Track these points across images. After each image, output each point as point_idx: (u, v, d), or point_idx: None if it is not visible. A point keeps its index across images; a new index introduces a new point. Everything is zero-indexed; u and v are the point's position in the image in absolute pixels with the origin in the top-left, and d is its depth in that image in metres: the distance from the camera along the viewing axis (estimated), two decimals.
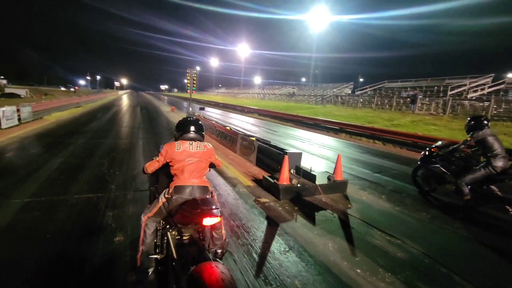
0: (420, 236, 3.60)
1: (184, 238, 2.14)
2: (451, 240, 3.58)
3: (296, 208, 4.27)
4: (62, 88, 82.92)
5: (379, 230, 3.67)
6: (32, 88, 62.59)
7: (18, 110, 10.79)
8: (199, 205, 1.99)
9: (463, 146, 4.58)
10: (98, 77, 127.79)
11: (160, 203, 2.20)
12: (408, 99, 21.11)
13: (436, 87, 24.42)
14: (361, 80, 60.29)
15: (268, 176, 5.11)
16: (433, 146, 5.20)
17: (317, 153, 8.81)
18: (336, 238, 3.39)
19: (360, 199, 4.82)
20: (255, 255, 2.94)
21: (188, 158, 2.20)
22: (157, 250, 2.31)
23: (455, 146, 4.76)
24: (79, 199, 4.12)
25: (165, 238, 2.23)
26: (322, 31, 43.29)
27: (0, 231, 3.09)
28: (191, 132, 2.30)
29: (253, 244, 3.15)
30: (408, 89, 26.62)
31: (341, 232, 3.59)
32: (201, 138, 2.37)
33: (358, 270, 2.75)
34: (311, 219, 3.92)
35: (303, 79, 66.13)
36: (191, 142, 2.26)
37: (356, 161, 7.90)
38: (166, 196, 2.19)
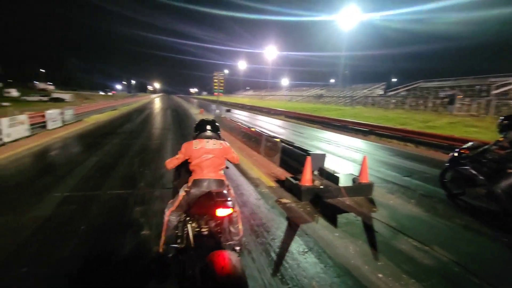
0: (451, 243, 3.38)
1: (203, 230, 2.28)
2: (486, 250, 3.31)
3: (317, 209, 4.20)
4: (101, 93, 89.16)
5: (406, 235, 3.50)
6: (75, 92, 68.01)
7: (62, 113, 11.78)
8: (213, 197, 2.17)
9: (495, 147, 4.22)
10: (133, 82, 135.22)
11: (181, 197, 2.39)
12: (446, 99, 19.82)
13: (478, 86, 22.65)
14: (394, 80, 57.61)
15: (290, 177, 5.09)
16: (463, 147, 4.87)
17: (344, 155, 8.59)
18: (358, 241, 3.29)
19: (386, 203, 4.63)
20: (273, 254, 2.95)
21: (205, 154, 2.38)
22: (178, 241, 2.49)
23: (486, 146, 4.40)
24: (111, 195, 4.41)
25: (186, 229, 2.40)
26: (352, 30, 42.03)
27: (42, 221, 3.42)
28: (207, 131, 2.54)
29: (272, 244, 3.17)
30: (446, 89, 24.96)
31: (363, 236, 3.47)
32: (217, 137, 2.55)
33: (380, 275, 2.65)
34: (333, 221, 3.84)
35: (332, 80, 64.63)
36: (207, 140, 2.46)
37: (385, 164, 7.58)
38: (186, 189, 2.38)
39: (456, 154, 4.87)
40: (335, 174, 4.94)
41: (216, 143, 2.46)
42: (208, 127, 2.56)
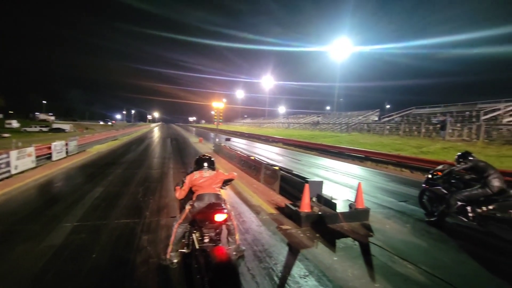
0: (445, 265, 3.56)
1: (205, 238, 2.91)
2: (479, 271, 3.48)
3: (317, 235, 4.39)
4: (101, 123, 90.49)
5: (401, 258, 3.68)
6: (75, 123, 69.12)
7: (66, 144, 12.09)
8: (213, 207, 2.88)
9: (458, 167, 4.87)
10: (133, 111, 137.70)
11: (187, 210, 3.06)
12: (438, 125, 20.43)
13: (467, 112, 23.49)
14: (388, 106, 59.28)
15: (290, 204, 5.31)
16: (436, 169, 5.46)
17: (341, 182, 8.83)
18: (356, 265, 3.47)
19: (382, 228, 4.82)
20: (276, 278, 3.12)
21: (202, 179, 3.12)
22: (185, 248, 3.20)
23: (451, 168, 5.05)
24: (118, 224, 4.58)
25: (191, 238, 3.09)
26: (345, 61, 44.03)
27: (55, 250, 3.59)
28: (205, 166, 3.26)
29: (275, 268, 3.34)
30: (438, 114, 25.79)
31: (361, 259, 3.65)
32: (212, 169, 3.29)
33: None
34: (332, 245, 4.03)
35: (328, 108, 66.41)
36: (205, 171, 3.21)
37: (381, 190, 7.82)
38: (191, 203, 3.05)
39: (430, 176, 5.46)
40: (332, 201, 5.17)
41: (211, 173, 3.20)
42: (205, 163, 3.27)
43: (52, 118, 78.93)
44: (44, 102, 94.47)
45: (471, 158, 4.82)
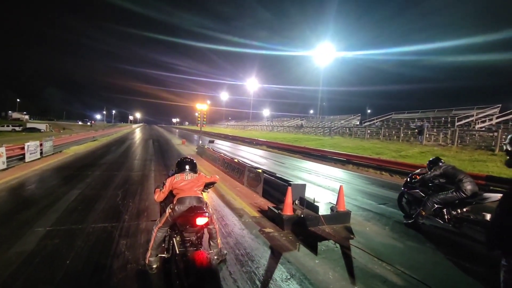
0: (421, 266, 3.67)
1: (185, 242, 2.85)
2: (453, 272, 3.62)
3: (299, 238, 4.42)
4: (80, 123, 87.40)
5: (380, 260, 3.76)
6: (51, 122, 66.33)
7: (41, 145, 11.53)
8: (194, 210, 2.80)
9: (430, 174, 5.05)
10: (114, 112, 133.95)
11: (167, 214, 2.96)
12: (416, 130, 21.23)
13: (443, 118, 24.59)
14: (369, 111, 61.06)
15: (272, 207, 5.32)
16: (414, 172, 5.67)
17: (323, 185, 8.96)
18: (337, 268, 3.51)
19: (363, 230, 4.92)
20: (258, 282, 3.10)
21: (184, 182, 3.04)
22: (165, 252, 3.11)
23: (425, 175, 5.19)
24: (95, 228, 4.41)
25: (171, 242, 3.02)
26: (328, 66, 44.94)
27: (25, 256, 3.39)
28: (186, 169, 3.20)
29: (257, 272, 3.32)
30: (416, 120, 26.82)
31: (342, 262, 3.70)
32: (194, 172, 3.23)
33: None
34: (313, 248, 4.06)
35: (311, 111, 67.46)
36: (186, 173, 3.13)
37: (361, 192, 8.00)
38: (171, 207, 2.95)
39: (408, 179, 5.63)
40: (314, 203, 5.22)
41: (193, 176, 3.12)
42: (187, 166, 3.21)
43: (26, 117, 75.35)
44: (18, 100, 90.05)
45: (441, 164, 5.03)
